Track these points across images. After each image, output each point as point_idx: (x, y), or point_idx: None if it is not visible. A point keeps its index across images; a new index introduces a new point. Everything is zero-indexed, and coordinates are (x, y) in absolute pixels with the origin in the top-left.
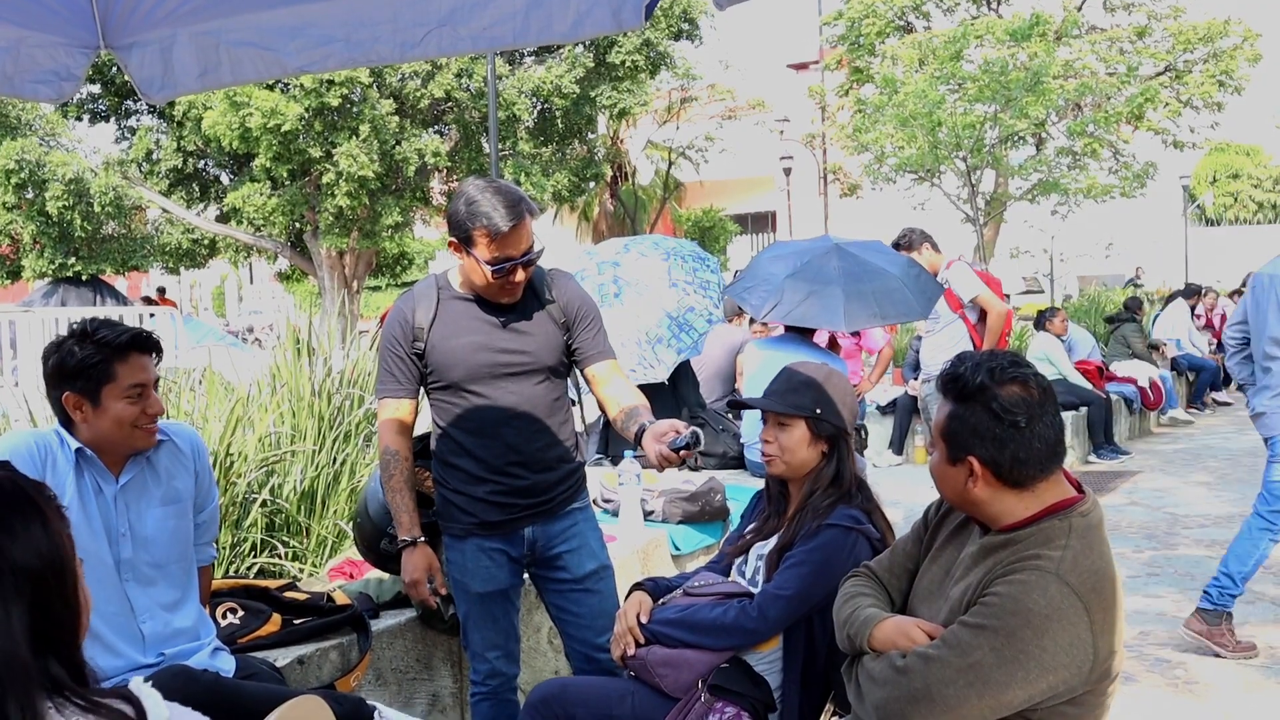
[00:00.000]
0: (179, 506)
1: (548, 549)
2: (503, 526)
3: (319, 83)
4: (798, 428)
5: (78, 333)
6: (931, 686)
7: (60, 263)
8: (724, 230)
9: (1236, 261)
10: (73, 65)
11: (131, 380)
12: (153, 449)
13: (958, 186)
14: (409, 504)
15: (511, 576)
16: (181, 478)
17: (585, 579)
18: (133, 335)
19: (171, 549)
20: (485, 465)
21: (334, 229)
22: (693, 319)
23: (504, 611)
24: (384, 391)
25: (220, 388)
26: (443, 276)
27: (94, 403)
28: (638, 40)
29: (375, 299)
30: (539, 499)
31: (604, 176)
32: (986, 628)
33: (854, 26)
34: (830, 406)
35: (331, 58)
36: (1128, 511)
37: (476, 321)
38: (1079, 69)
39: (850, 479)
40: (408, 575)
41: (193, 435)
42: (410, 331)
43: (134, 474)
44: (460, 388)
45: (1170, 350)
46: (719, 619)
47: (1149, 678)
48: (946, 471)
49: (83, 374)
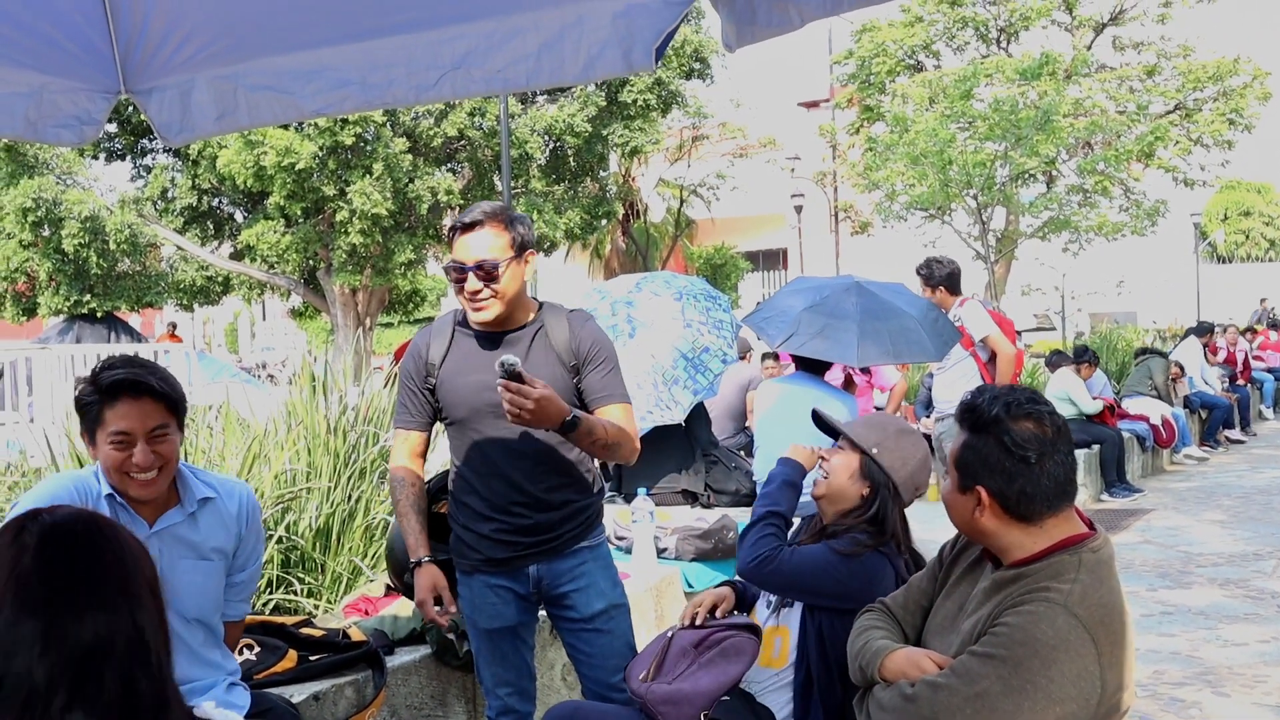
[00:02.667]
0: (211, 565)
1: (554, 587)
2: (507, 564)
3: (333, 121)
4: (850, 457)
5: (97, 368)
6: (939, 714)
7: (75, 300)
8: (735, 267)
9: (1248, 299)
10: (94, 110)
11: (116, 427)
12: (199, 507)
13: (968, 224)
14: (415, 526)
15: (520, 614)
16: (221, 538)
17: (594, 618)
18: (120, 380)
19: (198, 604)
20: (490, 503)
21: (347, 266)
22: (708, 359)
23: (513, 649)
24: (398, 422)
25: (236, 425)
26: (460, 311)
27: (93, 443)
28: (649, 79)
29: (388, 336)
30: (542, 538)
31: (616, 214)
32: (994, 657)
33: (864, 65)
34: (890, 456)
35: (347, 100)
36: (1141, 550)
37: (482, 359)
38: (1089, 107)
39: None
40: (416, 595)
41: (245, 495)
42: (424, 366)
43: (169, 524)
44: (467, 425)
45: (1183, 387)
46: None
47: (1164, 717)
48: (957, 499)
49: (82, 413)
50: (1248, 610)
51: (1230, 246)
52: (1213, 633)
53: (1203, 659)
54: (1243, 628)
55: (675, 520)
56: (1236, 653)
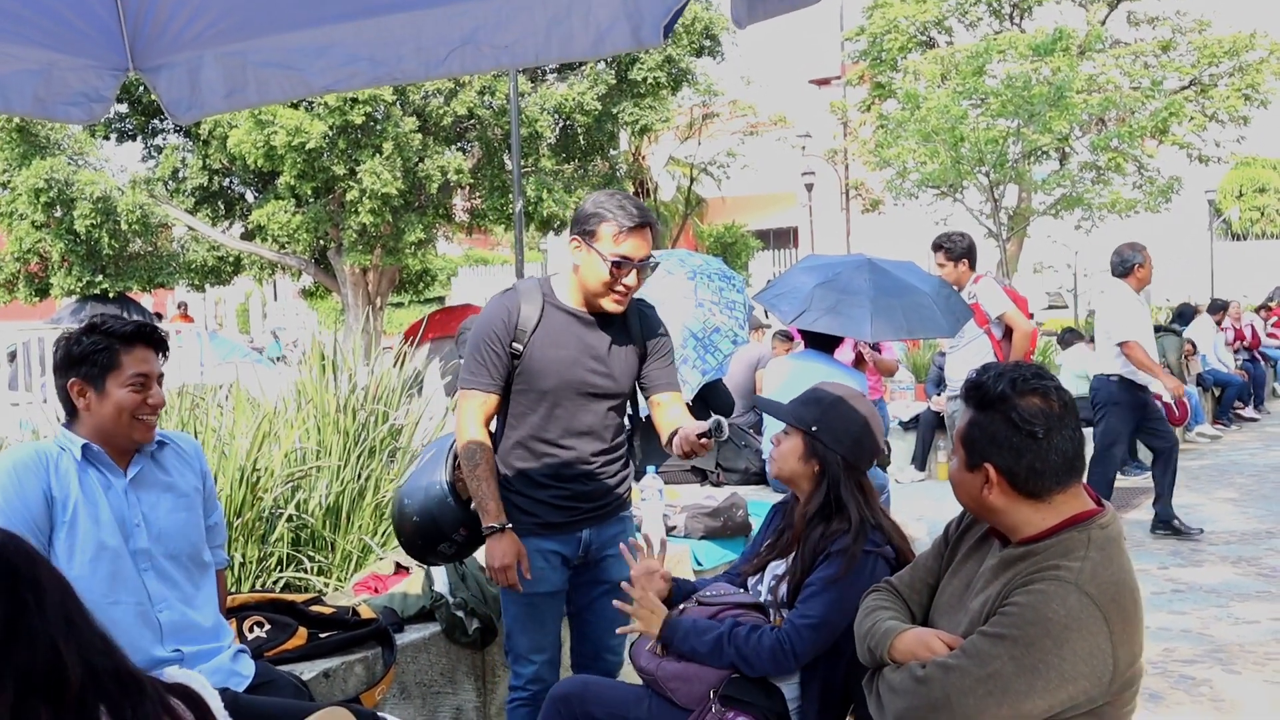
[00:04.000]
0: (188, 499)
1: (600, 552)
2: (563, 528)
3: (343, 101)
4: (794, 438)
5: (86, 325)
6: (951, 696)
7: (88, 280)
8: (746, 246)
9: (1264, 276)
10: (102, 87)
11: (135, 369)
12: (156, 449)
13: (980, 201)
14: (494, 491)
15: (563, 580)
16: (188, 476)
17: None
18: (138, 326)
19: (185, 540)
20: (552, 473)
21: (357, 246)
22: (718, 340)
23: (552, 615)
24: (473, 383)
25: (247, 404)
26: (546, 282)
27: (98, 389)
28: (659, 57)
29: (398, 315)
30: (597, 504)
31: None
32: (1006, 637)
33: (876, 42)
34: (830, 430)
35: (357, 77)
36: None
37: (578, 338)
38: (1102, 83)
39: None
40: (497, 561)
41: (194, 442)
42: (512, 330)
43: (141, 467)
44: (546, 397)
45: (1196, 365)
46: (755, 646)
47: (1174, 695)
48: (964, 478)
49: (88, 360)
50: (1259, 588)
51: (1245, 224)
52: (1224, 610)
53: (1214, 637)
54: (1254, 605)
55: (685, 498)
56: (1248, 630)
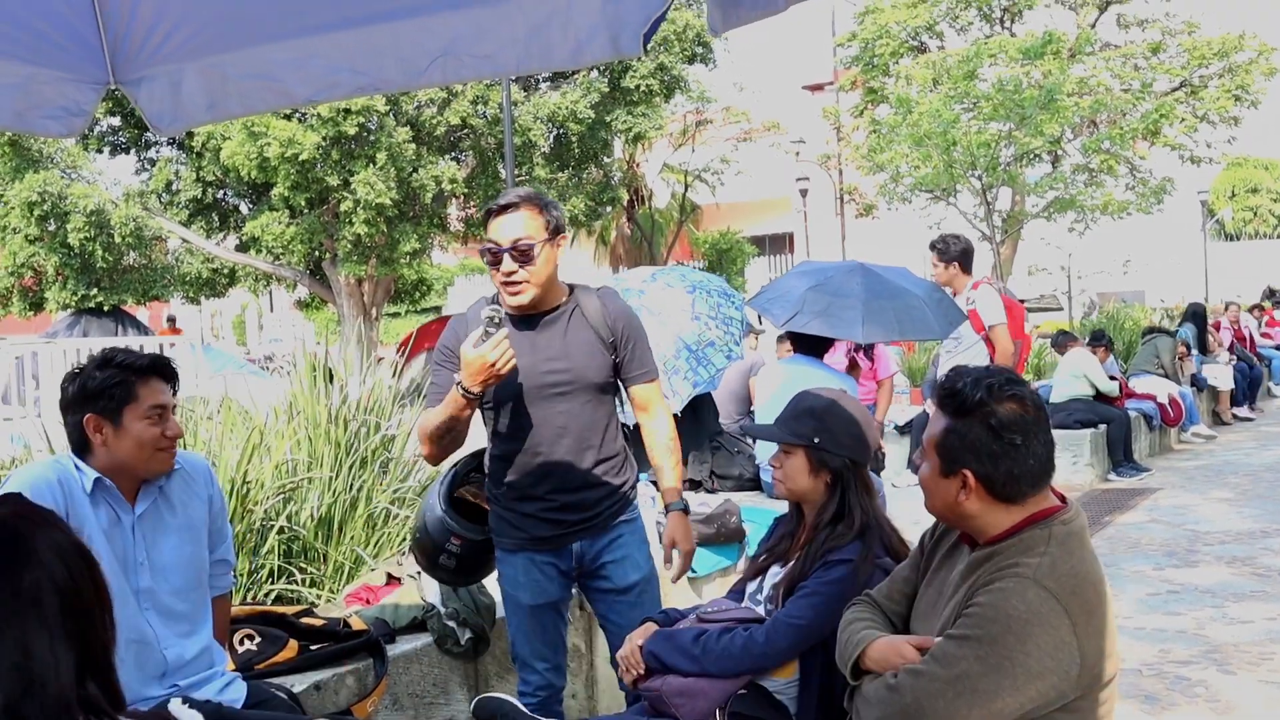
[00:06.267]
0: (194, 533)
1: (595, 561)
2: (552, 542)
3: (336, 112)
4: (798, 456)
5: (98, 360)
6: (921, 701)
7: (82, 294)
8: (741, 252)
9: (1257, 276)
10: (82, 100)
11: (152, 401)
12: (165, 479)
13: (973, 205)
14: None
15: (561, 590)
16: (195, 506)
17: (629, 590)
18: (153, 359)
19: (188, 577)
20: (534, 484)
21: (352, 256)
22: (712, 354)
23: (553, 623)
24: (431, 402)
25: (237, 416)
26: (495, 296)
27: (115, 424)
28: (652, 64)
29: (394, 326)
30: (587, 514)
31: (620, 200)
32: (970, 638)
33: (868, 47)
34: (831, 437)
35: (338, 87)
36: (1148, 529)
37: (527, 340)
38: (1093, 86)
39: (861, 516)
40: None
41: (204, 464)
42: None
43: (149, 503)
44: (506, 407)
45: (1190, 366)
46: (726, 646)
47: (1170, 696)
48: (938, 484)
49: (104, 395)
50: (1255, 588)
51: (1238, 224)
52: (1220, 611)
53: (1209, 637)
54: (1250, 606)
55: None
56: (1243, 631)
